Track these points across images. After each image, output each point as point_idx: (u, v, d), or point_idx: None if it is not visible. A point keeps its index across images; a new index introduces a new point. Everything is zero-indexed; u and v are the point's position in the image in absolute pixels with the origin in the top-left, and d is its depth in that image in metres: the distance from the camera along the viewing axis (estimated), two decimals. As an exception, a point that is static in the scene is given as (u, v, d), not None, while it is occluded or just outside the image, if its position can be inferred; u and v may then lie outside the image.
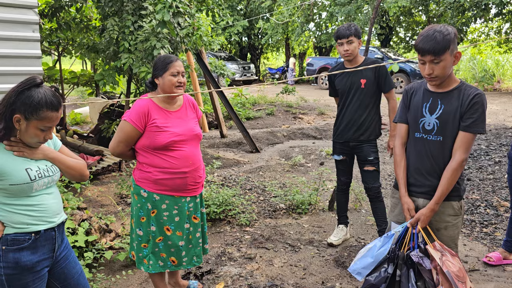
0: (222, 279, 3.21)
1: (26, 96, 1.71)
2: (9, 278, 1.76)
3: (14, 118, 1.72)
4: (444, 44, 2.04)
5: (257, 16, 21.77)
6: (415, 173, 2.31)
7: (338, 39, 3.42)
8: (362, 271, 2.31)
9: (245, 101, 11.94)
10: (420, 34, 2.13)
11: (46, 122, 1.76)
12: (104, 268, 3.33)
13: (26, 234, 1.80)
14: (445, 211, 2.25)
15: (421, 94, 2.28)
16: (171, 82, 2.57)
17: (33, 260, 1.81)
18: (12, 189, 1.74)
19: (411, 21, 20.80)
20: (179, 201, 2.64)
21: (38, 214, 1.83)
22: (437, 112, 2.20)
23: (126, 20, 5.34)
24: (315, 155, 7.24)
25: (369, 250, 2.35)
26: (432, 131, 2.22)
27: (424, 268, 2.16)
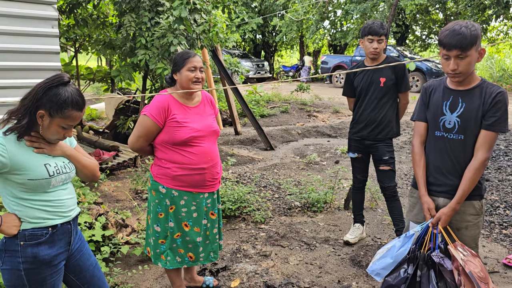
0: (237, 276, 3.20)
1: (53, 93, 1.72)
2: (28, 273, 1.77)
3: (38, 114, 1.73)
4: (472, 39, 2.00)
5: (272, 13, 21.71)
6: (435, 172, 2.26)
7: (370, 35, 3.35)
8: (382, 271, 2.28)
9: (259, 99, 11.92)
10: (444, 29, 2.07)
11: (69, 121, 1.77)
12: (121, 262, 3.35)
13: (44, 228, 1.81)
14: (466, 210, 2.21)
15: (441, 92, 2.23)
16: (188, 77, 2.57)
17: (51, 254, 1.83)
18: (30, 184, 1.75)
19: (428, 19, 20.51)
20: (197, 197, 2.64)
21: (54, 209, 1.84)
22: (458, 111, 2.15)
23: (143, 16, 5.35)
24: (330, 153, 7.19)
25: (388, 250, 2.32)
26: (453, 129, 2.17)
27: (445, 269, 2.12)
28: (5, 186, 1.76)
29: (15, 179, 1.73)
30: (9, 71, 4.15)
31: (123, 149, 6.19)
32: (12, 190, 1.76)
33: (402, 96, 3.54)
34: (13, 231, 1.75)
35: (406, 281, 2.21)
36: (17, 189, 1.76)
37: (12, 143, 1.72)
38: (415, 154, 2.34)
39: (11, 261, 1.76)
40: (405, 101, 3.57)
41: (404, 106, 3.59)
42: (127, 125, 6.91)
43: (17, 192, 1.76)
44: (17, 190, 1.76)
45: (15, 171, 1.72)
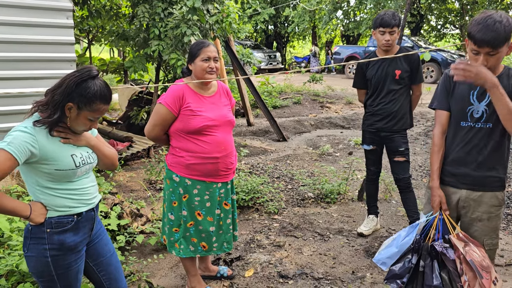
0: (251, 266, 3.21)
1: (83, 87, 1.75)
2: (54, 259, 1.81)
3: (67, 106, 1.76)
4: (505, 36, 1.90)
5: (284, 4, 21.53)
6: (458, 164, 2.21)
7: (381, 27, 3.30)
8: (387, 261, 2.30)
9: (272, 90, 11.87)
10: (476, 22, 1.95)
11: (96, 113, 1.81)
12: (136, 251, 3.39)
13: (69, 216, 1.85)
14: (489, 201, 2.17)
15: None
16: (202, 67, 2.56)
17: (76, 240, 1.87)
18: (57, 174, 1.79)
19: (443, 9, 20.12)
20: (210, 187, 2.65)
21: (79, 198, 1.88)
22: (486, 100, 2.09)
23: (156, 7, 5.35)
24: (344, 144, 7.15)
25: (393, 240, 2.34)
26: (481, 118, 2.11)
27: (448, 258, 2.14)
28: (31, 175, 1.80)
29: (42, 168, 1.76)
30: (25, 62, 4.19)
31: (137, 140, 6.23)
32: (37, 179, 1.79)
33: (416, 88, 3.50)
34: (40, 219, 1.79)
35: (410, 270, 2.22)
36: (43, 178, 1.79)
37: (41, 134, 1.75)
38: (434, 145, 2.29)
39: (37, 248, 1.80)
40: (418, 92, 3.53)
41: (417, 97, 3.56)
42: (140, 116, 6.95)
43: (43, 181, 1.79)
44: (43, 179, 1.79)
45: (43, 161, 1.75)
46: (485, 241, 2.20)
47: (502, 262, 3.27)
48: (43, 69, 4.26)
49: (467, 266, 2.07)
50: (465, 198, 2.21)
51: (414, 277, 2.24)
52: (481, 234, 2.21)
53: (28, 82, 4.21)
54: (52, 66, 4.31)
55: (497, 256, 3.36)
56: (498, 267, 3.21)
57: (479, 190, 2.18)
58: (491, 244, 2.21)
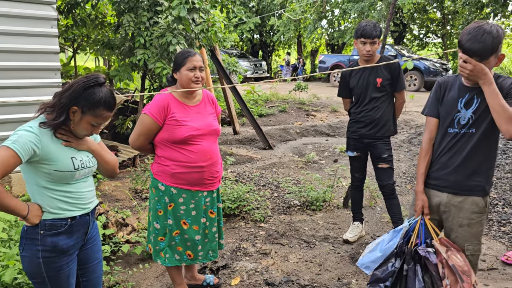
0: (237, 274, 3.22)
1: (89, 92, 1.81)
2: (46, 261, 1.84)
3: (71, 109, 1.81)
4: (493, 47, 1.97)
5: (269, 13, 21.72)
6: (442, 168, 2.27)
7: (363, 37, 3.37)
8: (371, 265, 2.35)
9: (258, 98, 11.93)
10: (467, 31, 2.02)
11: (99, 120, 1.87)
12: (121, 261, 3.37)
13: (63, 219, 1.88)
14: (470, 208, 2.21)
15: (457, 89, 2.22)
16: (188, 76, 2.58)
17: (69, 243, 1.90)
18: (55, 175, 1.83)
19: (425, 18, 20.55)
20: (196, 195, 2.66)
21: (74, 201, 1.91)
22: (473, 107, 2.15)
23: (141, 16, 5.37)
24: (329, 152, 7.21)
25: (377, 244, 2.39)
26: (467, 124, 2.17)
27: (430, 262, 2.19)
28: (31, 175, 1.84)
29: (42, 168, 1.81)
30: (9, 71, 4.16)
31: (122, 149, 6.20)
32: (37, 179, 1.84)
33: (398, 95, 3.57)
34: (36, 221, 1.82)
35: (393, 274, 2.27)
36: (42, 178, 1.83)
37: (45, 135, 1.81)
38: (422, 149, 2.36)
39: (30, 248, 1.84)
40: (401, 100, 3.61)
41: (401, 105, 3.63)
42: (126, 125, 6.92)
43: (42, 181, 1.83)
44: (42, 179, 1.83)
45: (44, 161, 1.80)
46: (466, 246, 2.24)
47: (484, 267, 3.33)
48: (28, 78, 4.24)
49: (449, 271, 2.13)
50: (446, 203, 2.26)
51: (397, 281, 2.29)
52: (462, 239, 2.24)
53: (12, 91, 4.18)
54: (36, 75, 4.29)
55: (480, 261, 3.42)
56: (480, 271, 3.27)
57: (460, 195, 2.22)
58: (473, 250, 2.24)
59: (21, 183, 4.39)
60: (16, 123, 4.16)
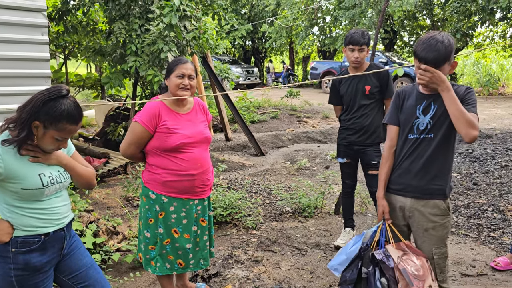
0: (229, 282, 3.21)
1: (50, 106, 1.73)
2: (19, 279, 1.78)
3: (33, 124, 1.74)
4: (446, 55, 2.09)
5: (261, 20, 21.83)
6: (405, 174, 2.33)
7: (351, 44, 3.42)
8: (338, 267, 2.46)
9: (250, 105, 11.96)
10: (421, 42, 2.14)
11: (63, 134, 1.79)
12: (112, 270, 3.34)
13: (36, 236, 1.82)
14: (431, 211, 2.28)
15: (415, 97, 2.32)
16: (175, 83, 2.58)
17: (43, 261, 1.84)
18: (23, 193, 1.76)
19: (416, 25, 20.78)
20: (187, 204, 2.65)
21: (47, 217, 1.85)
22: (431, 113, 2.24)
23: (133, 23, 5.37)
24: (321, 158, 7.24)
25: (344, 248, 2.50)
26: (425, 130, 2.25)
27: (387, 266, 2.27)
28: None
29: (8, 187, 1.75)
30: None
31: (114, 156, 6.17)
32: (5, 198, 1.78)
33: (387, 102, 3.61)
34: (5, 239, 1.76)
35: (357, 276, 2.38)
36: (11, 197, 1.77)
37: (9, 153, 1.74)
38: (383, 158, 2.45)
39: (2, 267, 1.78)
40: None
41: None
42: (117, 132, 6.89)
43: (11, 200, 1.77)
44: (11, 198, 1.77)
45: (9, 180, 1.73)
46: (433, 250, 2.29)
47: (474, 273, 3.36)
48: (17, 86, 4.20)
49: (400, 274, 2.22)
50: (409, 207, 2.32)
51: (358, 283, 2.39)
52: (429, 243, 2.30)
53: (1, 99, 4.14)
54: (26, 83, 4.25)
55: (469, 267, 3.45)
56: (470, 277, 3.30)
57: (422, 199, 2.29)
58: (440, 253, 2.30)
59: None
60: (5, 131, 4.13)
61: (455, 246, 3.84)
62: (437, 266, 2.30)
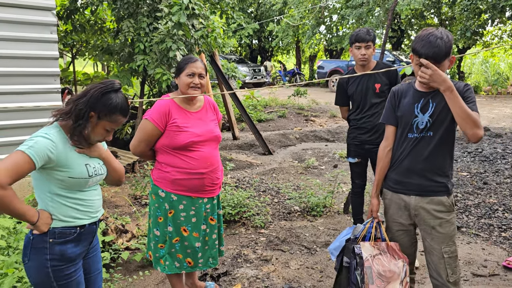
0: (238, 281, 3.19)
1: (106, 98, 1.82)
2: (55, 270, 1.82)
3: (92, 113, 1.82)
4: (446, 51, 2.07)
5: (268, 19, 21.80)
6: (406, 172, 2.31)
7: (357, 42, 3.40)
8: (334, 252, 2.60)
9: (257, 104, 11.94)
10: (420, 39, 2.11)
11: (114, 125, 1.88)
12: (121, 268, 3.34)
13: (72, 228, 1.87)
14: (436, 207, 2.25)
15: (411, 95, 2.29)
16: (185, 82, 2.58)
17: (76, 252, 1.89)
18: (69, 182, 1.82)
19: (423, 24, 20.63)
20: (196, 202, 2.64)
21: (85, 209, 1.91)
22: (430, 111, 2.21)
23: (141, 22, 5.37)
24: (328, 157, 7.20)
25: (340, 234, 2.67)
26: (425, 128, 2.23)
27: (362, 261, 2.34)
28: (44, 182, 1.82)
29: (56, 175, 1.80)
30: (8, 77, 4.14)
31: (121, 155, 6.18)
32: (50, 186, 1.82)
33: None
34: (44, 229, 1.80)
35: None
36: (55, 185, 1.82)
37: (61, 142, 1.80)
38: (378, 157, 2.44)
39: (37, 258, 1.81)
40: None
41: None
42: (124, 131, 6.90)
43: (55, 188, 1.82)
44: (55, 186, 1.82)
45: (59, 168, 1.79)
46: (443, 248, 2.26)
47: (486, 273, 3.32)
48: (27, 84, 4.22)
49: (365, 272, 2.32)
50: (414, 206, 2.30)
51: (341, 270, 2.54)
52: (438, 242, 2.27)
53: (11, 97, 4.16)
54: (35, 81, 4.28)
55: (481, 267, 3.41)
56: (482, 277, 3.26)
57: (426, 196, 2.26)
58: (450, 251, 2.27)
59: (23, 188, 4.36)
60: (15, 129, 4.15)
61: (466, 246, 3.80)
62: (448, 266, 2.27)
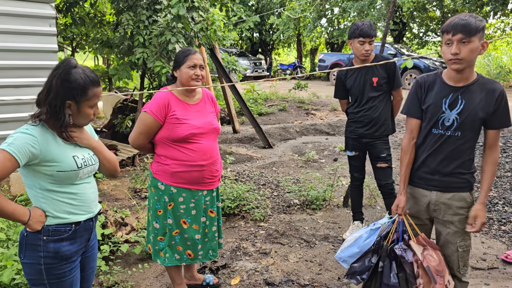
0: (237, 274, 3.20)
1: (70, 80, 1.72)
2: (47, 268, 1.78)
3: (66, 105, 1.74)
4: (477, 26, 1.99)
5: (269, 11, 21.69)
6: (429, 168, 2.27)
7: (361, 37, 3.36)
8: (348, 259, 2.45)
9: (257, 97, 11.91)
10: (450, 19, 2.08)
11: (93, 99, 1.79)
12: (120, 261, 3.35)
13: (67, 225, 1.82)
14: (458, 203, 2.23)
15: (439, 88, 2.19)
16: (188, 74, 2.57)
17: (72, 250, 1.84)
18: (58, 176, 1.76)
19: (425, 17, 20.54)
20: (196, 194, 2.64)
21: (79, 203, 1.85)
22: (458, 108, 2.14)
23: (140, 14, 5.34)
24: (329, 151, 7.20)
25: (355, 240, 2.46)
26: (452, 126, 2.16)
27: (406, 261, 2.28)
28: (33, 179, 1.76)
29: (44, 170, 1.74)
30: (7, 70, 4.13)
31: (122, 148, 6.18)
32: (40, 182, 1.76)
33: (396, 93, 3.56)
34: (38, 227, 1.75)
35: (370, 269, 2.37)
36: (45, 180, 1.76)
37: (43, 136, 1.73)
38: (402, 151, 2.37)
39: (32, 255, 1.77)
40: (399, 97, 3.59)
41: (399, 103, 3.60)
42: (125, 124, 6.90)
43: (45, 183, 1.76)
44: (45, 182, 1.76)
45: (45, 163, 1.72)
46: (459, 243, 2.26)
47: (485, 266, 3.32)
48: (26, 77, 4.21)
49: (423, 271, 2.21)
50: (435, 201, 2.27)
51: (373, 276, 2.38)
52: (455, 236, 2.26)
53: (10, 90, 4.16)
54: (35, 74, 4.26)
55: (480, 260, 3.41)
56: (481, 270, 3.26)
57: (448, 192, 2.24)
58: (464, 245, 2.27)
59: (20, 182, 4.37)
60: (14, 122, 4.15)
61: (465, 239, 3.80)
62: (461, 259, 2.27)
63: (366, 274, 2.38)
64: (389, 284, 2.28)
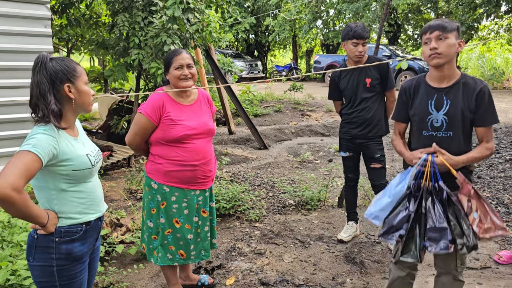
0: (232, 274, 3.22)
1: (54, 65, 1.72)
2: (60, 269, 1.77)
3: (66, 89, 1.74)
4: (451, 25, 2.11)
5: (265, 13, 21.72)
6: None
7: (355, 39, 3.39)
8: (380, 213, 2.10)
9: (253, 98, 11.93)
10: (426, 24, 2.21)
11: (84, 76, 1.81)
12: (116, 261, 3.36)
13: (78, 225, 1.82)
14: None
15: (424, 91, 2.25)
16: (175, 75, 2.59)
17: (83, 250, 1.85)
18: (74, 175, 1.76)
19: (420, 19, 20.62)
20: (188, 194, 2.66)
21: (89, 202, 1.85)
22: (444, 109, 2.17)
23: (136, 16, 5.35)
24: (324, 152, 7.23)
25: (384, 190, 2.17)
26: (441, 127, 2.19)
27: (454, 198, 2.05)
28: (47, 179, 1.75)
29: (60, 170, 1.73)
30: (2, 71, 4.13)
31: (117, 149, 6.18)
32: (54, 182, 1.75)
33: (389, 94, 3.59)
34: (52, 229, 1.75)
35: (409, 219, 2.04)
36: (60, 180, 1.75)
37: (60, 136, 1.73)
38: (394, 140, 2.43)
39: (43, 257, 1.75)
40: (392, 98, 3.61)
41: (392, 104, 3.63)
42: (120, 125, 6.90)
43: (60, 183, 1.76)
44: (60, 182, 1.75)
45: (61, 162, 1.72)
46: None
47: (478, 265, 3.35)
48: (20, 78, 4.21)
49: (478, 201, 1.99)
50: None
51: (413, 227, 2.06)
52: None
53: (5, 91, 4.15)
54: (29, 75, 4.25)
55: (473, 260, 3.44)
56: (474, 270, 3.30)
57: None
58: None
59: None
60: (9, 123, 4.14)
61: (459, 239, 3.83)
62: (458, 257, 2.29)
63: (404, 228, 2.03)
64: (436, 227, 1.96)
